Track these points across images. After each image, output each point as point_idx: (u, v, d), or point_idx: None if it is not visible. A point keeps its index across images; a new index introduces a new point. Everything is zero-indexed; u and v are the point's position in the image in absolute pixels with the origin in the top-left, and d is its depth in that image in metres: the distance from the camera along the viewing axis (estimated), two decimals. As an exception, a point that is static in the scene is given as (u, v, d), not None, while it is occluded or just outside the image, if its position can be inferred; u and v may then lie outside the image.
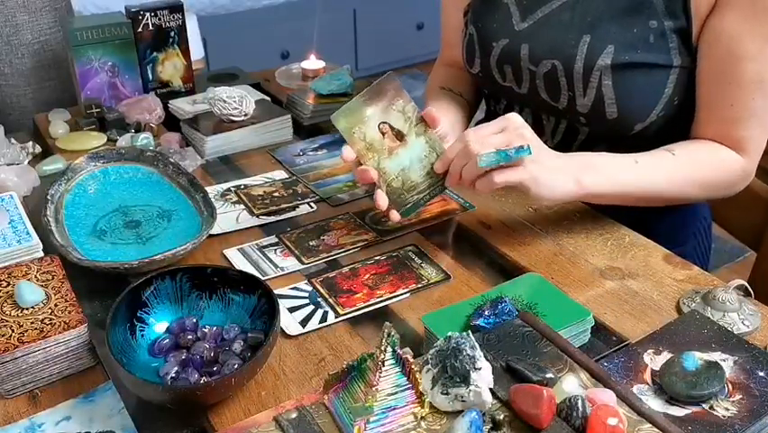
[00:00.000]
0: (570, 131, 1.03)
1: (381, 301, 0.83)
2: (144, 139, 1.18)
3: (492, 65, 1.04)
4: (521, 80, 1.02)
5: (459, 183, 0.86)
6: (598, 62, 0.92)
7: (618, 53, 0.92)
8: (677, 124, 0.97)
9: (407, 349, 0.62)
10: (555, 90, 0.98)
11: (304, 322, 0.80)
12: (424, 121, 0.87)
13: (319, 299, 0.83)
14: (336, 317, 0.80)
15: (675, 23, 0.90)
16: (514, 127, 0.84)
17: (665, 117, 0.95)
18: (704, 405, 0.61)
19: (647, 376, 0.65)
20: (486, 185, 0.82)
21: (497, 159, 0.80)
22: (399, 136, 0.87)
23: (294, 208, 1.03)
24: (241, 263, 0.90)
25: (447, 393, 0.59)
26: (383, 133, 0.87)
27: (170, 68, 1.37)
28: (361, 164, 0.89)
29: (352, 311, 0.81)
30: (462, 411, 0.57)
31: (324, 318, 0.80)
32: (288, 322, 0.79)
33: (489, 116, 1.20)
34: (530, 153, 0.81)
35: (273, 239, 0.96)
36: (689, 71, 0.93)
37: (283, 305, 0.82)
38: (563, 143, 1.05)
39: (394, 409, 0.59)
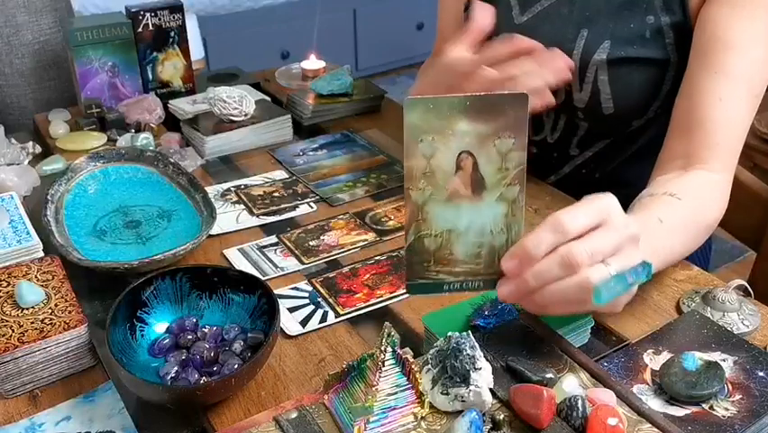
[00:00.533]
0: (569, 126, 1.03)
1: (381, 301, 0.83)
2: (144, 139, 1.18)
3: None
4: None
5: (530, 302, 0.63)
6: (594, 57, 0.92)
7: (614, 48, 0.92)
8: None
9: (407, 349, 0.62)
10: None
11: (304, 322, 0.80)
12: (520, 185, 0.62)
13: (319, 299, 0.83)
14: (336, 317, 0.80)
15: (672, 17, 0.90)
16: (618, 225, 0.62)
17: (664, 115, 0.95)
18: (704, 405, 0.61)
19: (647, 376, 0.65)
20: (567, 311, 0.64)
21: (617, 291, 0.60)
22: (477, 187, 0.62)
23: (294, 208, 1.03)
24: (241, 263, 0.90)
25: (447, 393, 0.59)
26: (458, 167, 0.61)
27: (170, 68, 1.37)
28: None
29: (352, 311, 0.81)
30: (462, 411, 0.57)
31: (323, 318, 0.80)
32: (288, 322, 0.79)
33: None
34: (650, 276, 0.62)
35: (273, 239, 0.96)
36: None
37: (283, 305, 0.82)
38: (563, 139, 1.05)
39: (394, 409, 0.59)
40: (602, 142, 1.03)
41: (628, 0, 0.92)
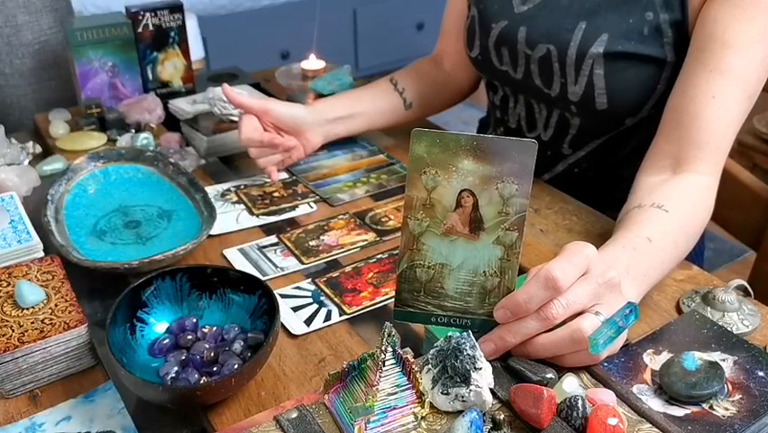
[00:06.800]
0: (562, 123, 1.03)
1: (388, 299, 0.83)
2: (144, 139, 1.18)
3: (490, 46, 1.05)
4: (517, 64, 1.02)
5: (527, 355, 0.64)
6: (591, 50, 0.93)
7: (611, 42, 0.92)
8: None
9: (408, 349, 0.62)
10: (548, 76, 0.99)
11: (308, 321, 0.80)
12: (519, 232, 0.62)
13: (322, 298, 0.83)
14: (341, 315, 0.80)
15: (671, 15, 0.90)
16: (597, 274, 0.64)
17: (657, 116, 0.94)
18: (704, 405, 0.61)
19: (647, 376, 0.65)
20: (573, 362, 0.64)
21: (612, 337, 0.62)
22: (474, 227, 0.62)
23: (294, 208, 1.03)
24: (241, 263, 0.90)
25: (447, 393, 0.59)
26: (459, 205, 0.62)
27: (170, 68, 1.37)
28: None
29: (360, 309, 0.81)
30: (463, 411, 0.57)
31: (327, 317, 0.80)
32: (293, 321, 0.79)
33: (489, 107, 1.20)
34: (638, 317, 0.64)
35: (273, 239, 0.96)
36: None
37: (287, 304, 0.82)
38: (556, 136, 1.05)
39: (394, 408, 0.59)
40: (594, 142, 1.03)
41: None
